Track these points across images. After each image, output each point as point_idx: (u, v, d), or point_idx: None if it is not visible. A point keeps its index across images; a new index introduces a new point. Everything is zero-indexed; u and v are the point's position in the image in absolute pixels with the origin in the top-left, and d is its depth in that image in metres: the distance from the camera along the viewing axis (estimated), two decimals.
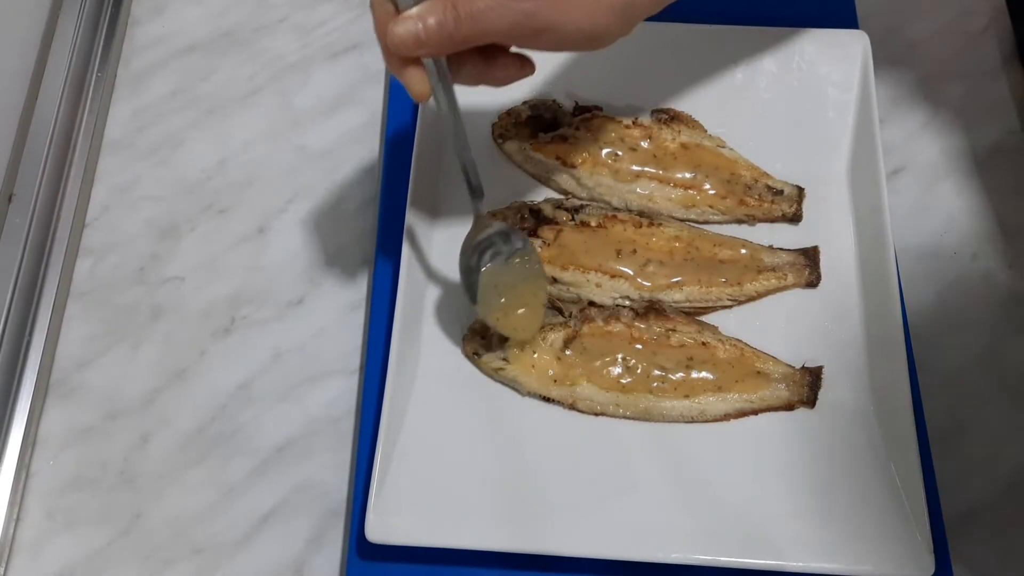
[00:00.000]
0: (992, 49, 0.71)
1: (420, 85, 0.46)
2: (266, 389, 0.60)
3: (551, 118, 0.64)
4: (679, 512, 0.54)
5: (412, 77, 0.46)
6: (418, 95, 0.46)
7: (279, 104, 0.70)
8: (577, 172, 0.63)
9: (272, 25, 0.73)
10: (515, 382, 0.57)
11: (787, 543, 0.52)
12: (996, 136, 0.68)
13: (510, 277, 0.56)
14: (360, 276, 0.64)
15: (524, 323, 0.57)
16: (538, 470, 0.55)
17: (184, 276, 0.64)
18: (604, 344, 0.58)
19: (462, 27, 0.44)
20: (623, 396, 0.57)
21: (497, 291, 0.56)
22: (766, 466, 0.55)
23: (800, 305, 0.60)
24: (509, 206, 0.62)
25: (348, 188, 0.66)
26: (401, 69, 0.46)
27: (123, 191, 0.67)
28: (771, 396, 0.57)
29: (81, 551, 0.56)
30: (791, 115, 0.65)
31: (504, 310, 0.56)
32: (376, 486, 0.53)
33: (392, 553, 0.54)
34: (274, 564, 0.56)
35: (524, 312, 0.56)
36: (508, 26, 0.44)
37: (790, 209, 0.63)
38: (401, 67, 0.46)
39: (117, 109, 0.69)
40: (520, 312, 0.56)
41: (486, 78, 0.48)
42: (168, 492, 0.57)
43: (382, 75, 0.70)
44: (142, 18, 0.73)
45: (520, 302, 0.56)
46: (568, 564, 0.53)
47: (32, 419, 0.59)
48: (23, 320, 0.61)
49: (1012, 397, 0.60)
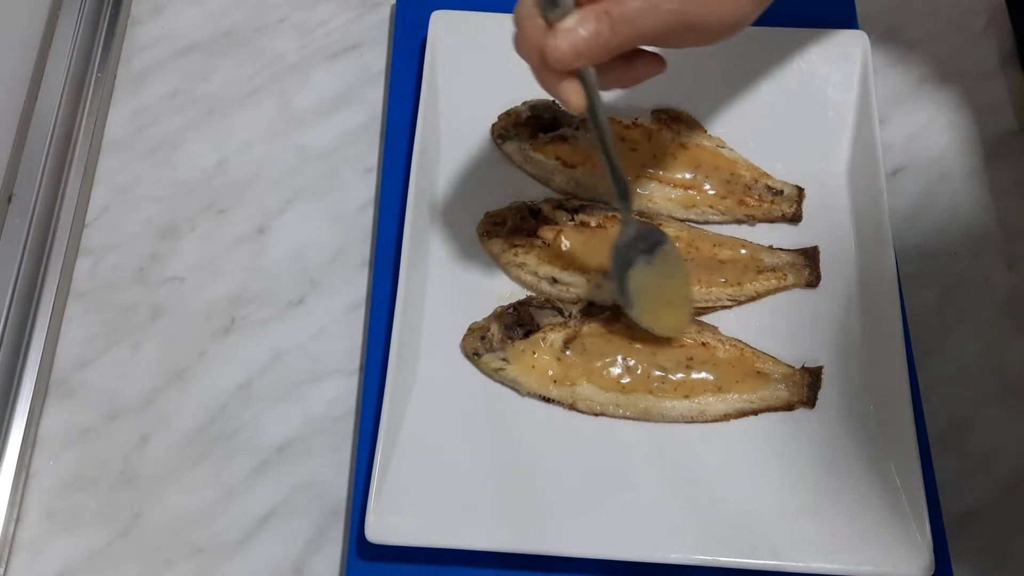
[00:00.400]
0: (992, 49, 0.71)
1: (578, 97, 0.45)
2: (266, 389, 0.60)
3: (551, 118, 0.64)
4: (679, 512, 0.54)
5: (570, 90, 0.45)
6: (577, 107, 0.46)
7: (279, 104, 0.70)
8: (577, 172, 0.63)
9: (272, 25, 0.73)
10: (515, 382, 0.57)
11: (787, 543, 0.52)
12: (996, 136, 0.68)
13: (654, 277, 0.56)
14: (360, 276, 0.64)
15: (674, 320, 0.57)
16: (538, 470, 0.55)
17: (184, 276, 0.64)
18: (604, 344, 0.58)
19: (618, 33, 0.43)
20: (623, 396, 0.57)
21: (646, 293, 0.56)
22: (766, 466, 0.55)
23: (800, 305, 0.60)
24: (509, 206, 0.62)
25: (348, 188, 0.66)
26: (557, 83, 0.45)
27: (123, 191, 0.67)
28: (771, 396, 0.57)
29: (81, 551, 0.56)
30: (791, 115, 0.65)
31: (654, 310, 0.56)
32: (376, 486, 0.53)
33: (392, 553, 0.54)
34: (274, 564, 0.56)
35: (673, 310, 0.57)
36: (660, 26, 0.44)
37: (790, 209, 0.63)
38: (557, 81, 0.45)
39: (117, 109, 0.69)
40: (669, 310, 0.57)
41: (626, 80, 0.48)
42: (168, 492, 0.57)
43: (382, 75, 0.70)
44: (142, 18, 0.73)
45: (667, 299, 0.57)
46: (568, 564, 0.53)
47: (32, 419, 0.59)
48: (23, 320, 0.61)
49: (1012, 397, 0.60)
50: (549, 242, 0.60)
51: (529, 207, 0.62)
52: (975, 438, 0.59)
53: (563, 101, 0.46)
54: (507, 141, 0.64)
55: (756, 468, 0.55)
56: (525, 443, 0.56)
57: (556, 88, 0.45)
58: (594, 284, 0.60)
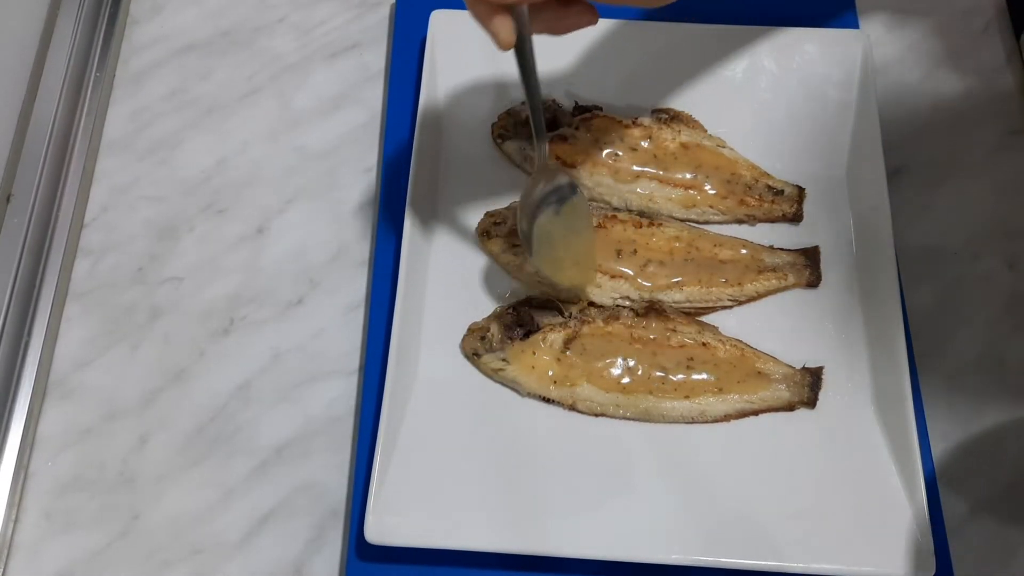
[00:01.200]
0: (992, 49, 0.71)
1: (507, 33, 0.45)
2: (265, 389, 0.60)
3: (551, 118, 0.64)
4: (679, 512, 0.53)
5: (500, 25, 0.45)
6: (505, 43, 0.46)
7: (278, 104, 0.69)
8: (577, 172, 0.63)
9: (271, 25, 0.73)
10: (515, 382, 0.57)
11: (787, 543, 0.52)
12: (996, 136, 0.68)
13: (560, 228, 0.56)
14: (360, 276, 0.64)
15: (576, 274, 0.58)
16: (538, 471, 0.55)
17: (183, 276, 0.64)
18: (604, 344, 0.58)
19: None
20: (623, 397, 0.57)
21: (550, 242, 0.56)
22: (766, 466, 0.55)
23: (800, 305, 0.60)
24: (509, 206, 0.62)
25: (348, 188, 0.66)
26: (489, 17, 0.45)
27: (122, 191, 0.66)
28: (771, 396, 0.57)
29: (80, 552, 0.56)
30: (791, 115, 0.65)
31: (558, 262, 0.57)
32: (376, 487, 0.53)
33: (391, 554, 0.54)
34: (274, 565, 0.56)
35: (575, 263, 0.57)
36: None
37: (790, 209, 0.63)
38: (490, 15, 0.45)
39: (116, 109, 0.69)
40: (572, 263, 0.57)
41: (556, 27, 0.48)
42: (167, 493, 0.57)
43: (382, 75, 0.70)
44: (141, 18, 0.73)
45: (572, 253, 0.57)
46: (568, 565, 0.53)
47: (31, 420, 0.58)
48: (22, 320, 0.61)
49: (1012, 397, 0.60)
50: None
51: None
52: (975, 438, 0.59)
53: (493, 35, 0.46)
54: (507, 141, 0.64)
55: (756, 468, 0.55)
56: (525, 443, 0.56)
57: (488, 22, 0.46)
58: (594, 284, 0.60)
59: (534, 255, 0.55)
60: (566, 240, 0.56)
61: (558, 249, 0.56)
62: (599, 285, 0.60)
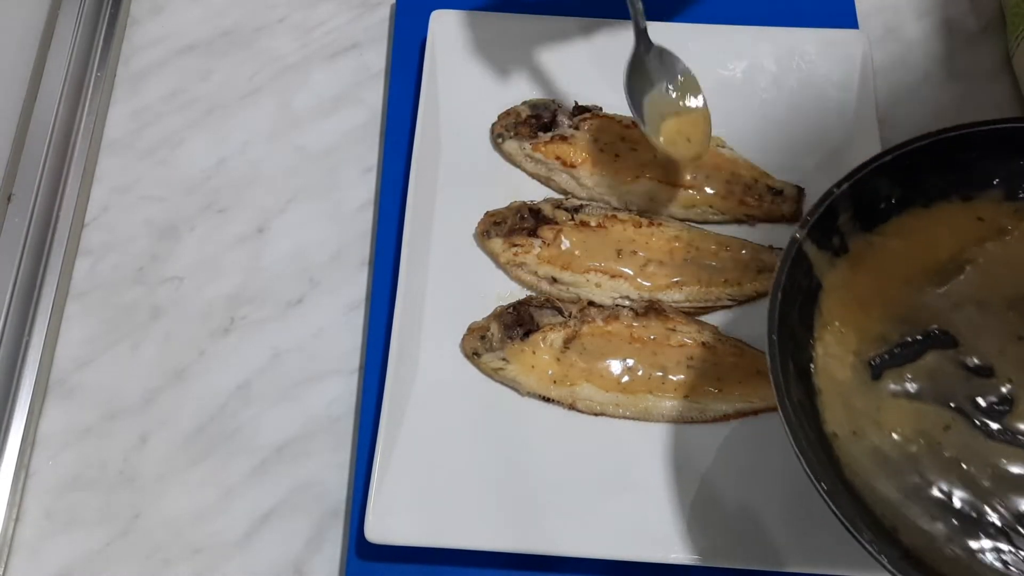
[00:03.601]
0: (992, 49, 0.71)
1: None
2: (265, 389, 0.60)
3: (551, 118, 0.64)
4: (679, 512, 0.53)
5: None
6: None
7: (278, 104, 0.70)
8: (577, 172, 0.63)
9: (272, 25, 0.73)
10: (515, 382, 0.57)
11: (787, 544, 0.52)
12: None
13: (673, 104, 0.59)
14: (360, 276, 0.64)
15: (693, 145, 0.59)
16: (538, 470, 0.55)
17: (183, 276, 0.64)
18: (604, 344, 0.58)
19: None
20: (623, 396, 0.57)
21: (663, 118, 0.59)
22: (766, 467, 0.55)
23: None
24: (509, 206, 0.62)
25: (348, 188, 0.66)
26: None
27: (122, 191, 0.66)
28: (771, 397, 0.57)
29: (80, 551, 0.56)
30: (791, 115, 0.65)
31: (673, 135, 0.59)
32: (376, 486, 0.53)
33: (392, 553, 0.54)
34: (274, 564, 0.56)
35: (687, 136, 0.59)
36: None
37: (790, 209, 0.63)
38: None
39: (116, 109, 0.69)
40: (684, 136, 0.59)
41: None
42: (168, 492, 0.57)
43: (382, 75, 0.70)
44: (141, 18, 0.73)
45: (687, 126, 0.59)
46: (568, 564, 0.53)
47: (31, 419, 0.59)
48: (22, 320, 0.61)
49: None
50: (549, 242, 0.60)
51: (529, 207, 0.62)
52: None
53: None
54: (507, 141, 0.64)
55: (756, 468, 0.55)
56: (525, 443, 0.56)
57: None
58: (594, 284, 0.60)
59: (647, 128, 0.58)
60: (679, 114, 0.59)
61: (671, 123, 0.59)
62: (599, 285, 0.60)
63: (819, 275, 0.49)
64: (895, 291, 0.50)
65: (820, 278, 0.50)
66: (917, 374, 0.48)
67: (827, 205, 0.48)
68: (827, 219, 0.49)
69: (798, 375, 0.47)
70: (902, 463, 0.45)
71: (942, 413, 0.46)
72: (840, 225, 0.50)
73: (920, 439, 0.46)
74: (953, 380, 0.47)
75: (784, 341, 0.46)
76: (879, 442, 0.46)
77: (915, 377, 0.48)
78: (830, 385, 0.47)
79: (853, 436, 0.46)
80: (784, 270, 0.47)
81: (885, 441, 0.46)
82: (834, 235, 0.50)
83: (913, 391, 0.47)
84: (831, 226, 0.49)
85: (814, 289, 0.49)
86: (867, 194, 0.49)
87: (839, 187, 0.48)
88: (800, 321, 0.48)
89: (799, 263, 0.48)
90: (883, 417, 0.47)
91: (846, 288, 0.50)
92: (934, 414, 0.47)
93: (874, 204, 0.50)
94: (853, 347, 0.49)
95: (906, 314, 0.49)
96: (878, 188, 0.50)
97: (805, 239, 0.48)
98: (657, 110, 0.59)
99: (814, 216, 0.48)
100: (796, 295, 0.48)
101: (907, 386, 0.47)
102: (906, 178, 0.50)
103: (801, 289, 0.49)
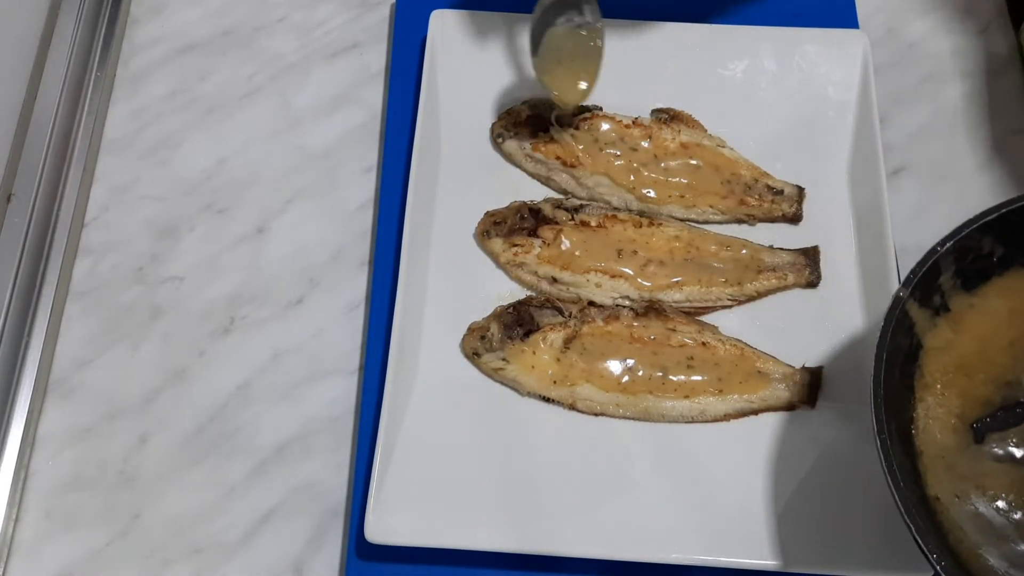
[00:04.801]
0: (992, 49, 0.71)
1: None
2: (265, 389, 0.60)
3: (551, 118, 0.64)
4: (679, 512, 0.54)
5: None
6: None
7: (278, 104, 0.70)
8: (577, 172, 0.63)
9: (271, 25, 0.73)
10: (515, 382, 0.57)
11: (787, 544, 0.52)
12: (996, 136, 0.68)
13: (571, 45, 0.59)
14: (360, 276, 0.64)
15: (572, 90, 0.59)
16: (538, 470, 0.55)
17: (183, 276, 0.64)
18: (604, 344, 0.58)
19: None
20: (623, 396, 0.57)
21: (556, 54, 0.59)
22: (766, 466, 0.55)
23: (800, 305, 0.60)
24: (509, 206, 0.62)
25: (348, 188, 0.66)
26: None
27: (122, 191, 0.66)
28: (771, 396, 0.57)
29: (80, 551, 0.56)
30: (791, 115, 0.65)
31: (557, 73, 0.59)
32: (376, 486, 0.53)
33: (392, 553, 0.54)
34: (274, 564, 0.56)
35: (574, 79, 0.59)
36: None
37: (790, 209, 0.63)
38: None
39: (116, 109, 0.69)
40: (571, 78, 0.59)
41: None
42: (167, 492, 0.57)
43: (382, 75, 0.70)
44: (141, 18, 0.73)
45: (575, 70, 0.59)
46: (568, 564, 0.53)
47: (31, 419, 0.58)
48: (22, 320, 0.61)
49: None
50: (549, 242, 0.60)
51: (529, 207, 0.62)
52: None
53: None
54: (507, 141, 0.64)
55: (756, 468, 0.55)
56: (525, 443, 0.56)
57: None
58: (594, 284, 0.60)
59: (538, 59, 0.58)
60: (573, 56, 0.59)
61: (563, 62, 0.59)
62: (599, 285, 0.60)
63: (920, 334, 0.49)
64: (998, 354, 0.49)
65: (921, 337, 0.49)
66: (1022, 438, 0.47)
67: (931, 263, 0.47)
68: (930, 278, 0.48)
69: (900, 435, 0.46)
70: (1007, 530, 0.45)
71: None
72: (942, 283, 0.49)
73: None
74: None
75: (889, 401, 0.45)
76: (983, 508, 0.45)
77: (1020, 442, 0.47)
78: (932, 447, 0.47)
79: (956, 500, 0.46)
80: (889, 329, 0.46)
81: (989, 507, 0.46)
82: (936, 294, 0.49)
83: (1019, 456, 0.47)
84: (933, 285, 0.49)
85: (915, 348, 0.49)
86: (970, 253, 0.49)
87: (942, 245, 0.48)
88: (901, 381, 0.48)
89: (902, 322, 0.47)
90: (987, 482, 0.46)
91: (948, 350, 0.49)
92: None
93: (976, 263, 0.49)
94: (956, 410, 0.48)
95: (1011, 378, 0.48)
96: (981, 247, 0.49)
97: (908, 298, 0.47)
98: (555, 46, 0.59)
99: (917, 275, 0.47)
100: (897, 354, 0.47)
101: (1011, 451, 0.47)
102: (1010, 237, 0.49)
103: (902, 349, 0.48)
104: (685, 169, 0.63)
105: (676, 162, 0.63)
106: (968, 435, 0.48)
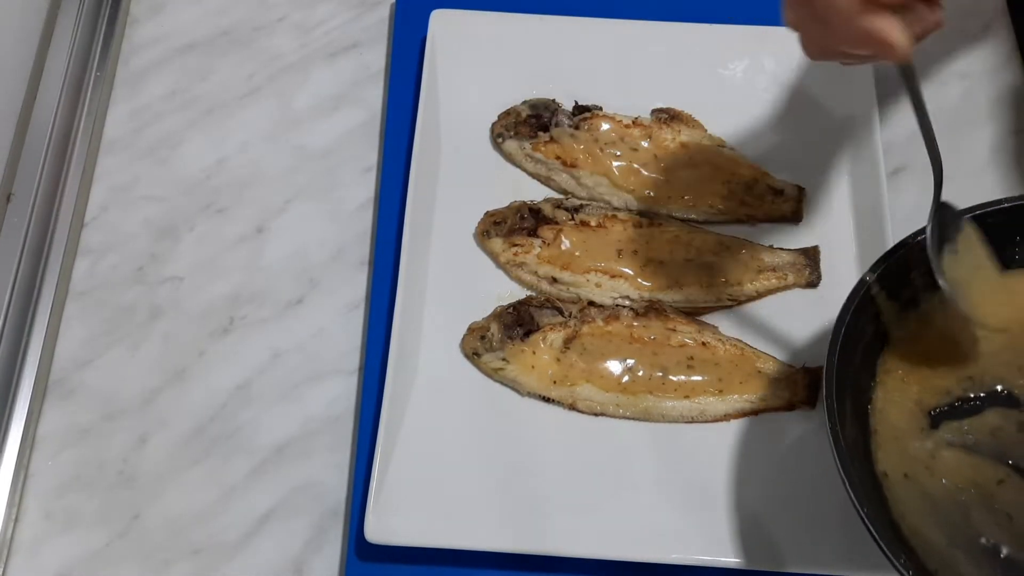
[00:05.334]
0: (992, 49, 0.71)
1: (900, 34, 0.39)
2: (265, 389, 0.60)
3: (551, 118, 0.64)
4: (679, 512, 0.54)
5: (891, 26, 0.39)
6: (903, 46, 0.39)
7: (278, 104, 0.69)
8: (577, 172, 0.63)
9: (271, 25, 0.73)
10: (515, 382, 0.57)
11: (787, 544, 0.52)
12: (996, 136, 0.68)
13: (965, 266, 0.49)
14: (359, 276, 0.64)
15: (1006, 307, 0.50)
16: (538, 470, 0.55)
17: (183, 276, 0.64)
18: (604, 344, 0.58)
19: None
20: (623, 396, 0.57)
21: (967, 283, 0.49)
22: (766, 466, 0.55)
23: (800, 305, 0.60)
24: (509, 206, 0.62)
25: (348, 188, 0.66)
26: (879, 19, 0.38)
27: (122, 191, 0.66)
28: (771, 396, 0.57)
29: (80, 551, 0.56)
30: (791, 115, 0.65)
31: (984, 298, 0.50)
32: (376, 486, 0.53)
33: (391, 553, 0.54)
34: (273, 564, 0.56)
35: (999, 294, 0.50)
36: None
37: (790, 209, 0.63)
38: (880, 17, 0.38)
39: (116, 109, 0.69)
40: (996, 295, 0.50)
41: (924, 26, 0.42)
42: (167, 492, 0.57)
43: (382, 75, 0.70)
44: (141, 17, 0.73)
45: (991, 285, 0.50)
46: (568, 564, 0.53)
47: (31, 419, 0.58)
48: (22, 320, 0.61)
49: None
50: (549, 242, 0.60)
51: (529, 207, 0.62)
52: None
53: (881, 42, 0.38)
54: (507, 140, 0.64)
55: (756, 468, 0.55)
56: (525, 443, 0.56)
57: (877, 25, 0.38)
58: (594, 284, 0.60)
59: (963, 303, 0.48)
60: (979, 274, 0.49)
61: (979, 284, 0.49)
62: (599, 285, 0.60)
63: (886, 324, 0.49)
64: (964, 350, 0.50)
65: (887, 327, 0.49)
66: (976, 428, 0.48)
67: (900, 255, 0.48)
68: (900, 269, 0.48)
69: (855, 414, 0.47)
70: (951, 510, 0.46)
71: (997, 468, 0.47)
72: (913, 279, 0.49)
73: (972, 489, 0.46)
74: (1013, 438, 0.48)
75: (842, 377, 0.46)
76: (930, 487, 0.46)
77: (973, 431, 0.48)
78: (887, 428, 0.48)
79: (904, 479, 0.47)
80: (851, 307, 0.47)
81: (936, 487, 0.46)
82: (905, 287, 0.49)
83: (970, 443, 0.48)
84: (903, 278, 0.49)
85: (880, 336, 0.49)
86: None
87: (914, 238, 0.48)
88: (863, 364, 0.49)
89: (865, 307, 0.48)
90: (937, 464, 0.47)
91: (914, 342, 0.50)
92: (989, 467, 0.47)
93: None
94: (915, 396, 0.49)
95: (973, 372, 0.49)
96: None
97: (875, 284, 0.48)
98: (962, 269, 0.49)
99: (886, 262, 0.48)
100: (861, 337, 0.48)
101: (965, 438, 0.48)
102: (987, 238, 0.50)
103: (867, 333, 0.48)
104: (685, 169, 0.63)
105: (676, 162, 0.63)
106: (925, 420, 0.48)
